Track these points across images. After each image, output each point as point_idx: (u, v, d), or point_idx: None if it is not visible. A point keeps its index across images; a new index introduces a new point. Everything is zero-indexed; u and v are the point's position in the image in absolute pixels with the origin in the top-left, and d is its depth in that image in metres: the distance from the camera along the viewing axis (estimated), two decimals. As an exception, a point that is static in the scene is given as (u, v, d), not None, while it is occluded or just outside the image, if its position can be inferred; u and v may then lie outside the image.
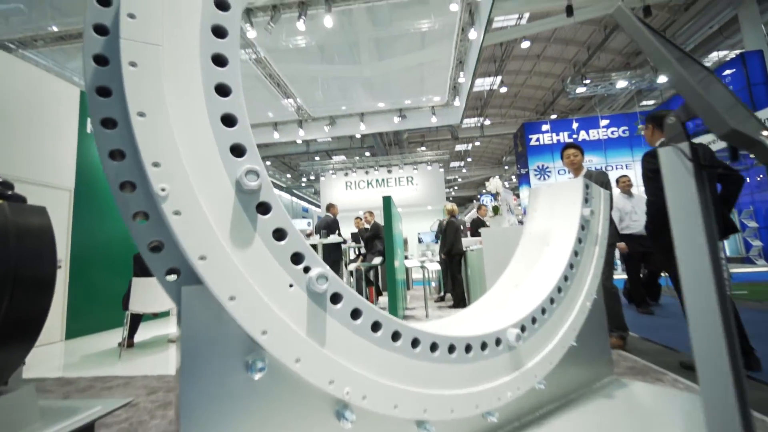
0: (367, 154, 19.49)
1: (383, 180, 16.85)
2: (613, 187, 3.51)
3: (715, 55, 13.30)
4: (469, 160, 25.85)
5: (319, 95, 11.33)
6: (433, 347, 1.15)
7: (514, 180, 21.82)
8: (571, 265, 1.67)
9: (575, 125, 13.79)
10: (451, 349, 1.18)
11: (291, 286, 0.92)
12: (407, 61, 9.69)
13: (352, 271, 4.94)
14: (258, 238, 0.90)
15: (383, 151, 17.77)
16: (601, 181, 2.94)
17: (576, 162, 3.20)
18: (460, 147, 22.41)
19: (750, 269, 8.67)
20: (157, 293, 3.57)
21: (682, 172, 0.81)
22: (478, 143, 22.49)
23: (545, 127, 13.99)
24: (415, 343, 1.11)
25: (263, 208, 0.92)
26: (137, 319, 3.90)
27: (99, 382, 2.72)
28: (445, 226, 5.71)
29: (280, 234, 0.94)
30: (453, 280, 5.49)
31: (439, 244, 6.37)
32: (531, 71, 16.32)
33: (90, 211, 4.94)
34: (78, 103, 5.00)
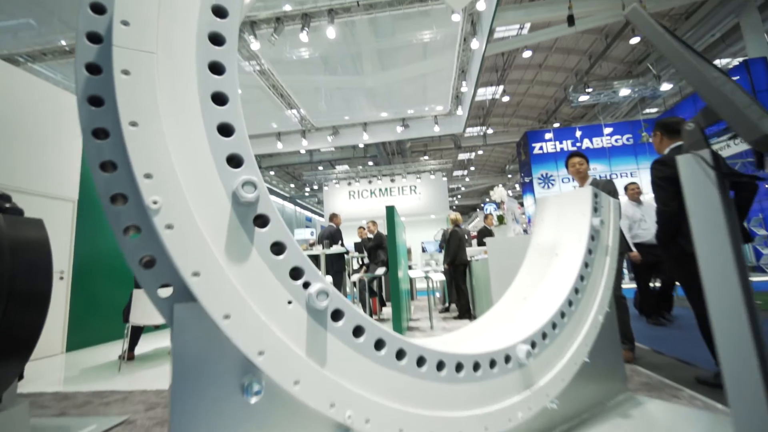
0: (370, 163, 19.54)
1: (386, 189, 16.84)
2: (620, 195, 3.46)
3: (717, 63, 13.28)
4: (472, 168, 25.84)
5: (323, 105, 11.40)
6: (439, 366, 1.09)
7: (518, 188, 21.74)
8: (581, 277, 1.61)
9: (578, 133, 13.76)
10: (458, 367, 1.12)
11: (290, 303, 0.88)
12: (410, 72, 9.75)
13: (355, 281, 4.87)
14: (255, 252, 0.85)
15: (386, 161, 17.81)
16: (608, 190, 2.88)
17: (582, 170, 3.15)
18: (462, 156, 22.42)
19: (761, 278, 8.50)
20: (157, 305, 3.52)
21: (703, 180, 0.77)
22: (481, 152, 22.49)
23: (548, 135, 13.96)
24: (420, 361, 1.05)
25: (261, 220, 0.88)
26: (138, 332, 3.85)
27: (97, 398, 2.66)
28: (448, 236, 5.65)
29: (278, 248, 0.89)
30: (458, 290, 5.40)
31: (443, 253, 6.30)
32: (533, 80, 16.38)
33: (93, 222, 4.94)
34: (83, 115, 5.03)
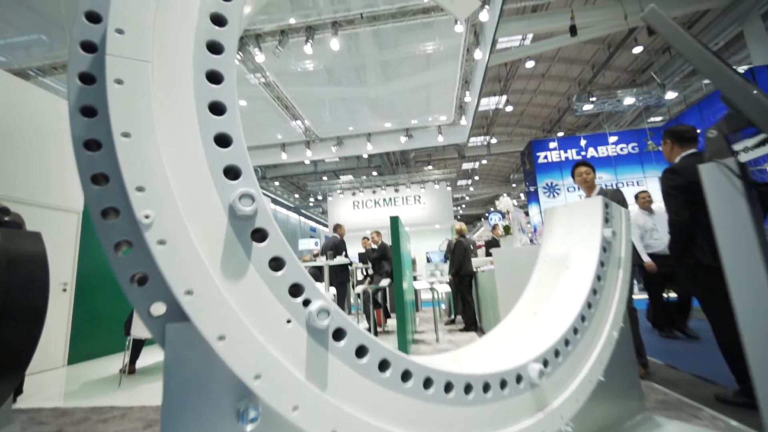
0: (374, 173, 19.58)
1: (390, 199, 16.83)
2: (631, 204, 3.38)
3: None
4: (476, 178, 25.79)
5: (327, 116, 11.48)
6: (447, 387, 1.03)
7: (523, 198, 21.63)
8: (594, 291, 1.54)
9: (583, 142, 13.71)
10: (467, 389, 1.06)
11: (289, 322, 0.83)
12: (413, 82, 9.82)
13: (360, 293, 4.81)
14: (252, 268, 0.81)
15: (390, 171, 17.83)
16: (617, 199, 2.82)
17: (589, 180, 3.10)
18: (467, 165, 22.41)
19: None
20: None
21: (729, 190, 0.72)
22: (485, 161, 22.48)
23: (553, 144, 13.93)
24: (427, 383, 1.00)
25: (259, 235, 0.84)
26: (139, 345, 3.80)
27: (95, 414, 2.60)
28: (453, 247, 5.58)
29: (277, 263, 0.85)
30: (463, 302, 5.32)
31: (448, 264, 6.22)
32: (536, 90, 16.43)
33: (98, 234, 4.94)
34: (90, 128, 5.08)
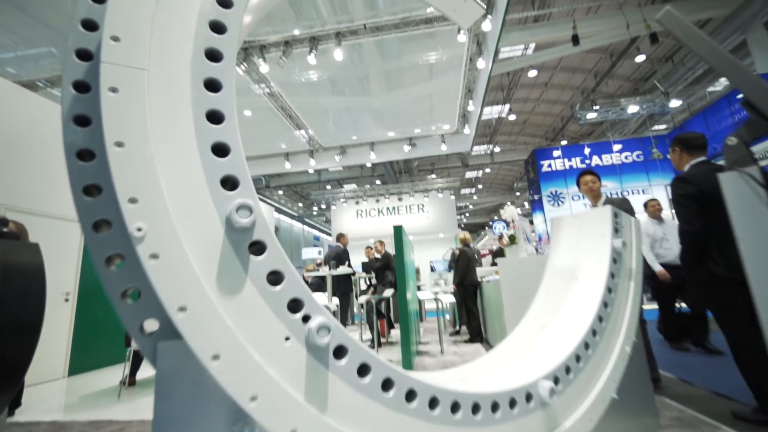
0: (377, 182, 19.60)
1: (394, 208, 16.81)
2: (640, 213, 3.32)
3: (725, 79, 13.23)
4: (479, 186, 25.75)
5: (331, 126, 11.54)
6: (454, 407, 0.98)
7: (527, 206, 21.54)
8: (605, 304, 1.49)
9: (587, 150, 13.66)
10: (475, 408, 1.01)
11: (287, 339, 0.79)
12: (416, 92, 9.86)
13: (363, 303, 4.75)
14: (250, 283, 0.78)
15: (394, 179, 17.85)
16: (624, 208, 2.77)
17: (595, 189, 3.06)
18: (470, 174, 22.39)
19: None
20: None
21: (753, 200, 0.68)
22: (488, 170, 22.46)
23: (557, 153, 13.89)
24: (433, 402, 0.95)
25: (257, 247, 0.81)
26: (140, 356, 3.75)
27: (93, 428, 2.55)
28: (457, 256, 5.52)
29: (275, 277, 0.81)
30: (468, 312, 5.23)
31: (452, 273, 6.15)
32: (539, 99, 16.47)
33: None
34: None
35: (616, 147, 13.42)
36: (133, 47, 0.74)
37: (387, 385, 0.89)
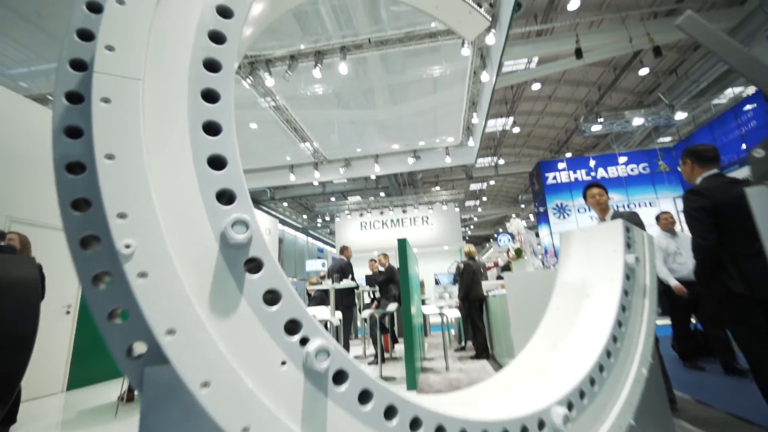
0: (381, 194, 19.62)
1: (398, 220, 16.77)
2: (650, 226, 3.24)
3: (730, 92, 13.21)
4: (484, 199, 25.70)
5: (335, 138, 11.62)
6: (462, 437, 0.91)
7: (532, 219, 21.41)
8: (619, 323, 1.42)
9: (592, 163, 13.61)
10: (484, 438, 0.94)
11: (283, 364, 0.74)
12: (421, 105, 9.93)
13: (366, 317, 4.66)
14: (245, 303, 0.73)
15: (398, 192, 17.86)
16: (633, 222, 2.70)
17: (602, 202, 3.00)
18: (474, 186, 22.37)
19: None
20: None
21: (785, 218, 0.62)
22: (492, 182, 22.44)
23: (561, 165, 13.85)
24: (439, 432, 0.88)
25: (253, 265, 0.77)
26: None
27: (88, 447, 2.48)
28: (462, 270, 5.44)
29: (272, 297, 0.77)
30: (473, 327, 5.12)
31: (457, 287, 6.06)
32: (543, 111, 16.53)
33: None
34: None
35: (622, 159, 13.36)
36: (128, 57, 0.72)
37: (390, 412, 0.83)
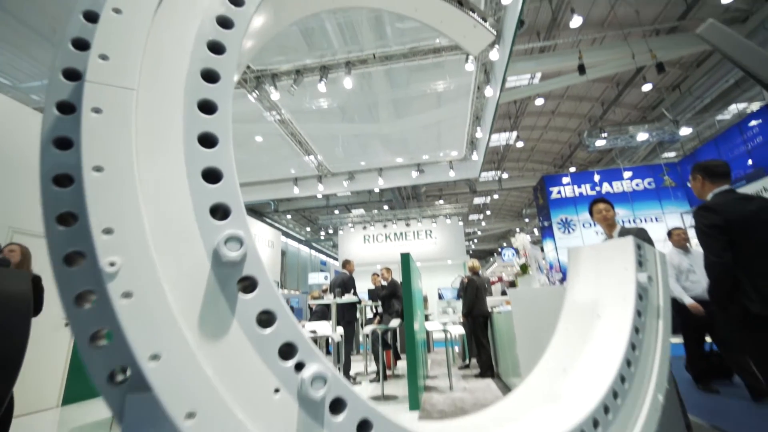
0: (385, 207, 19.61)
1: (401, 233, 16.70)
2: (658, 242, 3.16)
3: (734, 108, 13.21)
4: (488, 213, 25.61)
5: (339, 152, 11.68)
6: (468, 471, 0.85)
7: (537, 233, 21.26)
8: (632, 346, 1.35)
9: (597, 177, 13.55)
10: (493, 472, 0.88)
11: (276, 392, 0.69)
12: (425, 119, 9.99)
13: (368, 333, 4.57)
14: (236, 325, 0.68)
15: (401, 205, 17.84)
16: (642, 239, 2.64)
17: (609, 217, 2.94)
18: (478, 200, 22.33)
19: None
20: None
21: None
22: (496, 196, 22.38)
23: (566, 179, 13.79)
24: (444, 466, 0.82)
25: (247, 284, 0.72)
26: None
27: (78, 467, 2.40)
28: (465, 285, 5.35)
29: (266, 318, 0.72)
30: (478, 344, 5.00)
31: (461, 302, 5.95)
32: (546, 126, 16.57)
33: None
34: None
35: (627, 174, 13.29)
36: (122, 66, 0.69)
37: (391, 445, 0.77)
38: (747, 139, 9.87)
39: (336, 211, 19.93)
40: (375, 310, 6.54)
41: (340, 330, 4.87)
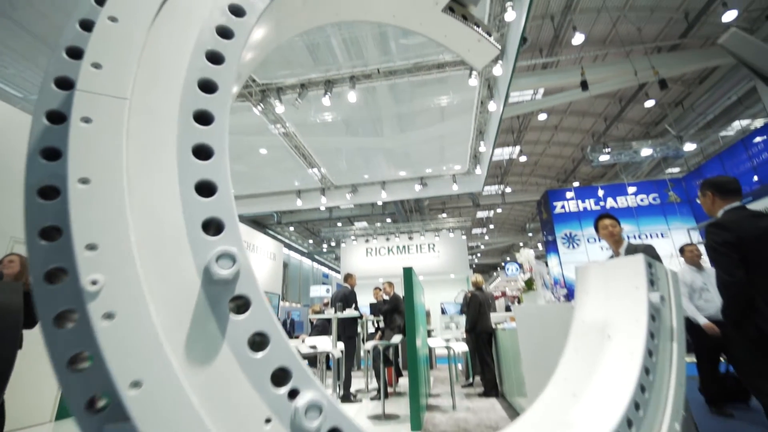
0: (388, 220, 19.58)
1: (404, 247, 16.60)
2: (664, 257, 3.08)
3: (737, 124, 13.22)
4: (491, 227, 25.50)
5: (343, 165, 11.73)
6: None
7: (540, 247, 21.10)
8: (646, 370, 1.28)
9: (601, 192, 13.48)
10: None
11: (267, 422, 0.63)
12: (428, 133, 10.04)
13: (369, 349, 4.47)
14: (226, 348, 0.64)
15: (404, 218, 17.81)
16: (650, 256, 2.58)
17: (615, 233, 2.89)
18: (481, 214, 22.27)
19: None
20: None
21: None
22: (499, 210, 22.32)
23: (570, 194, 13.73)
24: (448, 504, 0.76)
25: (239, 303, 0.68)
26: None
27: (67, 487, 2.31)
28: (468, 300, 5.25)
29: (259, 341, 0.68)
30: (481, 362, 4.88)
31: (464, 317, 5.84)
32: (549, 141, 16.63)
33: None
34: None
35: (631, 189, 13.22)
36: (115, 75, 0.67)
37: (391, 481, 0.71)
38: (752, 155, 9.81)
39: (339, 224, 19.92)
40: (377, 325, 6.43)
41: (341, 345, 4.77)
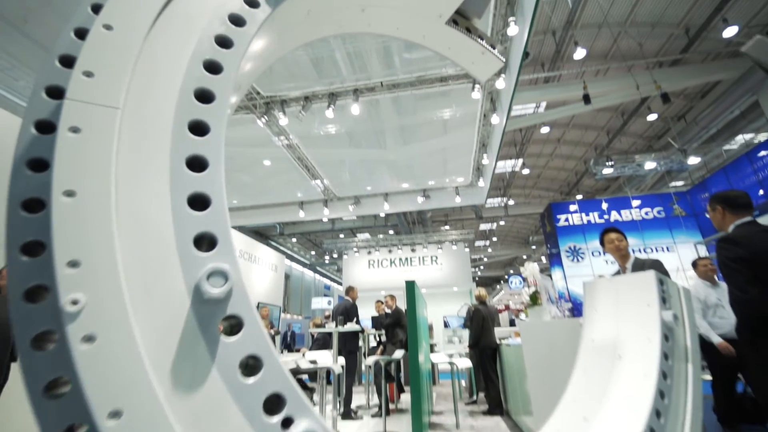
0: (390, 232, 19.52)
1: (407, 259, 16.49)
2: (671, 271, 3.00)
3: (741, 138, 13.19)
4: (494, 239, 25.36)
5: (346, 177, 11.75)
6: None
7: (544, 260, 20.92)
8: (661, 393, 1.22)
9: (605, 205, 13.39)
10: None
11: (259, 455, 0.59)
12: (431, 146, 10.07)
13: (371, 364, 4.37)
14: (216, 373, 0.59)
15: (407, 230, 17.74)
16: (658, 271, 2.52)
17: (622, 247, 2.83)
18: (484, 226, 22.16)
19: None
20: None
21: None
22: (502, 222, 22.23)
23: (573, 207, 13.65)
24: None
25: (231, 324, 0.64)
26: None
27: None
28: (471, 314, 5.16)
29: (251, 365, 0.63)
30: (486, 378, 4.75)
31: (468, 331, 5.72)
32: (552, 154, 16.63)
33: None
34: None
35: (635, 203, 13.13)
36: (107, 83, 0.65)
37: None
38: (757, 169, 9.75)
39: (341, 235, 19.86)
40: (378, 339, 6.32)
41: (342, 360, 4.67)
